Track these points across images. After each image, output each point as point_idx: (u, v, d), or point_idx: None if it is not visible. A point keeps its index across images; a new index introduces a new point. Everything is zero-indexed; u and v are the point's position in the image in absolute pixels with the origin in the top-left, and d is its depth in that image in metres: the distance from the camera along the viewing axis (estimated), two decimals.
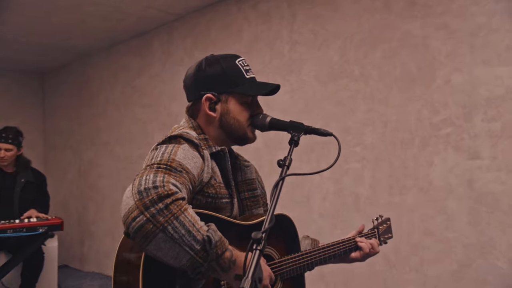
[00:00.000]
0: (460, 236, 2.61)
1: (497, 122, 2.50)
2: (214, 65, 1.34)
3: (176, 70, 4.08)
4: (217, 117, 1.34)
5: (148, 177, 1.04)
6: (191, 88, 1.38)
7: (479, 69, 2.56)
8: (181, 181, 1.09)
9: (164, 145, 1.19)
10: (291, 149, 1.23)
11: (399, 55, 2.85)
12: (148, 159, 1.15)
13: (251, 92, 1.33)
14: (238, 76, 1.33)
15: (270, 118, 1.34)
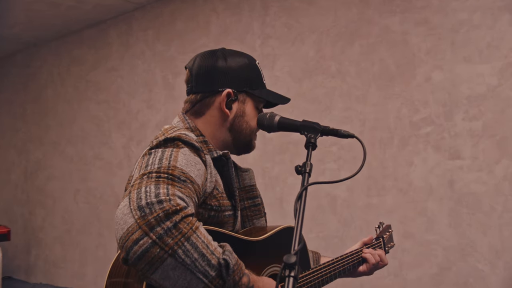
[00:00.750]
0: (440, 239, 2.54)
1: (478, 121, 2.45)
2: (238, 59, 1.21)
3: (136, 64, 3.80)
4: (231, 117, 1.19)
5: (148, 188, 0.87)
6: (205, 79, 1.20)
7: (460, 66, 2.50)
8: (187, 193, 0.92)
9: (160, 149, 1.00)
10: (309, 154, 1.07)
11: (378, 51, 2.75)
12: (142, 166, 0.97)
13: (271, 98, 1.23)
14: (259, 79, 1.23)
15: (279, 117, 1.19)
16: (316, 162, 2.91)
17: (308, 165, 1.03)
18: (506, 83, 2.38)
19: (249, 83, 1.21)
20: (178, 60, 3.55)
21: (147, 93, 3.70)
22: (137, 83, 3.77)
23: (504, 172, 2.38)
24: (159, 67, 3.66)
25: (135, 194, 0.87)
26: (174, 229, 0.82)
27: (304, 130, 1.13)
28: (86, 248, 3.98)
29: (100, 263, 3.91)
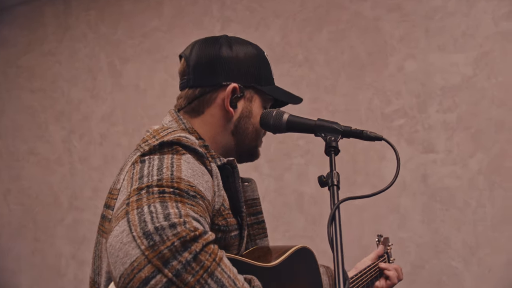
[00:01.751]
0: (413, 236, 2.44)
1: (452, 113, 2.37)
2: (246, 48, 1.04)
3: (77, 48, 3.41)
4: (235, 118, 1.03)
5: (153, 208, 0.71)
6: (205, 71, 1.02)
7: (434, 55, 2.40)
8: (200, 212, 0.75)
9: (155, 155, 0.83)
10: (333, 161, 0.93)
11: (348, 38, 2.59)
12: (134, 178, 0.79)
13: (284, 97, 1.07)
14: (268, 73, 1.07)
15: (288, 115, 1.03)
16: (282, 156, 2.72)
17: (335, 175, 0.91)
18: (481, 74, 2.31)
19: (258, 77, 1.03)
20: (126, 45, 3.21)
21: (90, 81, 3.34)
22: (78, 69, 3.38)
23: (478, 166, 2.32)
24: (104, 52, 3.30)
25: (136, 216, 0.70)
26: (194, 262, 0.66)
27: (321, 131, 0.98)
28: (19, 255, 3.56)
29: (36, 271, 3.51)
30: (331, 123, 0.99)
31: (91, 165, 3.35)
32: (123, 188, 0.83)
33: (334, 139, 0.96)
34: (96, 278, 0.92)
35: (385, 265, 1.37)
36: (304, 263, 1.10)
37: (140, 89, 3.18)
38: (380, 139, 0.98)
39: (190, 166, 0.82)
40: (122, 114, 3.23)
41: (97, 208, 3.31)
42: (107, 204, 0.93)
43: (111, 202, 0.91)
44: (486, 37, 2.30)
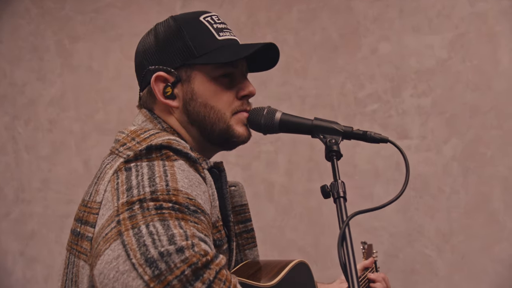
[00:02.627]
0: (387, 225, 2.40)
1: (427, 98, 2.32)
2: (167, 28, 0.93)
3: (19, 24, 3.08)
4: (180, 107, 0.91)
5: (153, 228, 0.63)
6: (139, 70, 0.95)
7: (409, 37, 2.34)
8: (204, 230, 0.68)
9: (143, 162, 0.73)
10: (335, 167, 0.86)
11: (319, 19, 2.47)
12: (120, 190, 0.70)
13: (224, 58, 0.89)
14: (204, 38, 0.90)
15: (281, 114, 0.94)
16: (249, 144, 2.57)
17: (340, 185, 0.84)
18: (456, 57, 2.26)
19: (189, 51, 0.89)
20: (76, 21, 2.95)
21: (36, 61, 3.04)
22: (22, 48, 3.07)
23: (453, 152, 2.28)
24: (50, 29, 3.01)
25: (133, 237, 0.61)
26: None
27: (319, 132, 0.89)
28: None
29: None
30: (330, 123, 0.90)
31: (39, 154, 3.08)
32: (106, 201, 0.73)
33: (335, 142, 0.87)
34: None
35: (373, 276, 1.28)
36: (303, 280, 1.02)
37: (93, 70, 2.94)
38: (386, 141, 0.91)
39: (186, 174, 0.73)
40: (73, 98, 2.98)
41: (46, 200, 3.07)
42: (83, 220, 0.79)
43: (89, 217, 0.77)
44: (461, 18, 2.25)
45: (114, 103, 2.91)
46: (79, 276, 0.77)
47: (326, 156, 0.87)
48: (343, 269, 0.72)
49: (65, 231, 3.02)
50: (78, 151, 3.00)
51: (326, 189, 0.85)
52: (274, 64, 1.01)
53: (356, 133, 0.91)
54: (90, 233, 0.75)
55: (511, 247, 2.19)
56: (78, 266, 0.78)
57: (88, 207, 0.79)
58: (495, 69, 2.20)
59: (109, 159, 0.83)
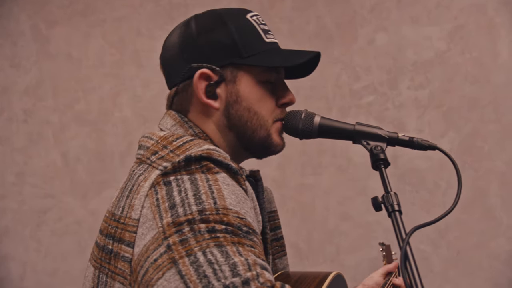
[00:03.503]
0: (381, 220, 2.36)
1: (424, 90, 2.31)
2: (214, 23, 0.86)
3: None
4: (221, 109, 0.85)
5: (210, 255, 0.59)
6: (173, 64, 0.88)
7: (407, 28, 2.32)
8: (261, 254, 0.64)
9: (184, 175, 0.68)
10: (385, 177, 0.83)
11: (314, 7, 2.43)
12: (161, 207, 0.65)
13: (278, 62, 0.87)
14: (253, 38, 0.85)
15: (320, 118, 0.89)
16: None
17: (393, 197, 0.80)
18: (455, 48, 2.25)
19: (236, 50, 0.83)
20: (54, 5, 2.80)
21: (9, 47, 2.88)
22: None
23: (450, 145, 2.28)
24: (25, 13, 2.85)
25: (191, 267, 0.58)
26: None
27: (362, 138, 0.87)
28: None
29: None
30: (373, 127, 0.87)
31: (14, 146, 2.93)
32: (145, 219, 0.68)
33: (381, 149, 0.85)
34: None
35: (398, 282, 1.22)
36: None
37: (72, 58, 2.81)
38: (434, 149, 0.90)
39: (231, 189, 0.68)
40: (51, 87, 2.84)
41: (21, 195, 2.93)
42: (116, 237, 0.73)
43: (124, 235, 0.71)
44: (461, 9, 2.25)
45: (96, 93, 2.78)
46: None
47: (373, 165, 0.84)
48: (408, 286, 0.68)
49: (42, 228, 2.90)
50: (56, 143, 2.87)
51: (378, 201, 0.81)
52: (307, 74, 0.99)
53: (402, 139, 0.88)
54: (128, 254, 0.70)
55: (507, 243, 2.20)
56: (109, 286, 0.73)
57: (121, 223, 0.73)
58: (495, 61, 2.20)
59: (140, 169, 0.76)
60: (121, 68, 2.75)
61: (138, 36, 2.71)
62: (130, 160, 2.92)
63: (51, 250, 2.89)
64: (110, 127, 2.78)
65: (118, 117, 2.77)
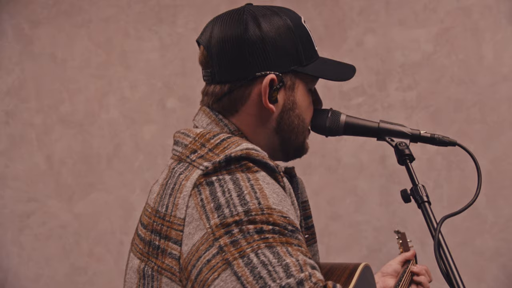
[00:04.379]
0: (371, 219, 2.44)
1: (412, 91, 2.38)
2: (277, 20, 0.84)
3: None
4: (276, 114, 0.86)
5: (263, 257, 0.62)
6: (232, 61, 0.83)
7: (395, 30, 2.39)
8: (308, 252, 0.68)
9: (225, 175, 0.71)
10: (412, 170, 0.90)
11: (303, 9, 2.44)
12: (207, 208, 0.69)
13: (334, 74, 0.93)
14: (310, 47, 0.87)
15: (345, 116, 0.95)
16: None
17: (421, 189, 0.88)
18: (442, 51, 2.32)
19: (298, 57, 0.85)
20: (37, 4, 2.76)
21: None
22: None
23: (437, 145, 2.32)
24: (7, 13, 2.81)
25: (246, 269, 0.62)
26: None
27: (387, 135, 0.91)
28: None
29: None
30: (396, 125, 0.92)
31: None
32: (191, 219, 0.70)
33: (405, 145, 0.90)
34: None
35: (417, 269, 1.27)
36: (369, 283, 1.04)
37: (57, 58, 2.77)
38: (455, 145, 0.94)
39: (272, 188, 0.71)
40: (34, 88, 2.80)
41: (2, 198, 2.88)
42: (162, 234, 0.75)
43: (170, 232, 0.73)
44: (447, 12, 2.32)
45: (81, 94, 2.76)
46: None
47: (399, 160, 0.90)
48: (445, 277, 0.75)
49: (24, 232, 2.85)
50: (40, 145, 2.82)
51: (407, 193, 0.88)
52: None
53: (424, 136, 0.93)
54: (176, 251, 0.72)
55: (492, 240, 2.27)
56: (160, 282, 0.75)
57: (167, 221, 0.75)
58: (480, 63, 2.28)
59: (180, 167, 0.78)
60: (107, 69, 2.73)
61: (125, 37, 2.69)
62: (118, 162, 2.90)
63: (34, 255, 2.84)
64: (97, 129, 2.76)
65: (104, 119, 2.74)
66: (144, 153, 2.63)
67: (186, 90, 2.58)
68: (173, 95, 2.63)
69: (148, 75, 2.65)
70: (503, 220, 2.25)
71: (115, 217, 2.74)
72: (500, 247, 2.26)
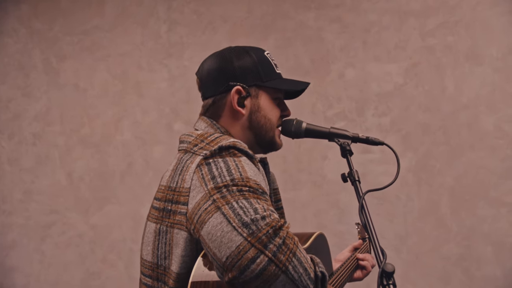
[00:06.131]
0: (352, 228, 2.64)
1: (386, 117, 2.63)
2: (243, 56, 1.16)
3: (5, 42, 3.20)
4: (246, 115, 1.14)
5: (241, 204, 0.87)
6: (212, 81, 1.16)
7: (371, 65, 2.65)
8: (271, 205, 0.92)
9: (219, 158, 0.97)
10: (350, 161, 1.15)
11: (293, 46, 2.76)
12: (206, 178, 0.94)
13: (286, 86, 1.19)
14: (269, 69, 1.17)
15: (306, 124, 1.21)
16: None
17: (355, 173, 1.11)
18: (411, 82, 2.60)
19: (258, 76, 1.15)
20: (64, 42, 3.10)
21: (22, 78, 3.16)
22: (7, 65, 3.19)
23: (408, 164, 2.60)
24: (38, 49, 3.14)
25: (229, 210, 0.85)
26: (283, 245, 0.83)
27: (335, 137, 1.18)
28: None
29: None
30: (342, 130, 1.19)
31: (22, 166, 3.17)
32: (194, 187, 0.95)
33: (347, 144, 1.16)
34: (161, 262, 1.02)
35: (361, 256, 1.53)
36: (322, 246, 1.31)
37: (79, 88, 3.08)
38: (382, 144, 1.22)
39: (250, 167, 0.96)
40: (59, 114, 3.10)
41: (27, 211, 3.14)
42: (174, 200, 1.01)
43: (179, 198, 0.99)
44: (414, 50, 2.60)
45: (99, 119, 3.05)
46: (173, 240, 1.00)
47: (342, 154, 1.16)
48: (364, 228, 1.01)
49: (46, 241, 3.09)
50: (62, 164, 3.10)
51: (345, 175, 1.12)
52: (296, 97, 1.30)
53: (361, 138, 1.20)
54: (184, 210, 0.98)
55: (456, 247, 2.50)
56: (171, 234, 1.00)
57: (177, 191, 1.01)
58: (443, 93, 2.55)
59: (186, 156, 1.04)
60: (123, 97, 3.02)
61: (139, 69, 3.00)
62: (130, 179, 3.17)
63: (54, 261, 3.07)
64: (112, 149, 3.04)
65: (119, 140, 3.03)
66: (153, 170, 2.91)
67: (190, 115, 2.85)
68: (180, 119, 2.91)
69: (158, 102, 2.94)
70: (466, 229, 2.48)
71: (126, 228, 2.98)
72: (463, 253, 2.48)
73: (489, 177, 2.48)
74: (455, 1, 2.55)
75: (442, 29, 2.56)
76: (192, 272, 0.93)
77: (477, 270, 2.48)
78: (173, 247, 0.99)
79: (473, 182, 2.50)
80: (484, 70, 2.49)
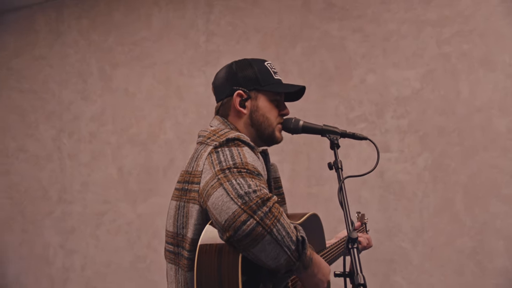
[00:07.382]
0: (371, 222, 2.83)
1: (404, 119, 2.80)
2: (245, 67, 1.38)
3: (68, 53, 3.64)
4: (247, 114, 1.36)
5: (239, 181, 1.08)
6: (221, 87, 1.40)
7: (390, 70, 2.83)
8: (264, 183, 1.12)
9: (226, 148, 1.19)
10: (336, 152, 1.35)
11: (318, 54, 3.00)
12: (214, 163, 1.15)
13: (280, 89, 1.39)
14: (267, 76, 1.37)
15: (303, 122, 1.41)
16: None
17: (339, 162, 1.32)
18: (427, 87, 2.77)
19: (257, 82, 1.37)
20: (116, 52, 3.49)
21: (81, 84, 3.58)
22: (69, 73, 3.62)
23: (424, 163, 2.76)
24: (94, 58, 3.55)
25: (229, 185, 1.07)
26: (269, 212, 1.04)
27: (326, 133, 1.38)
28: (7, 245, 3.74)
29: (24, 261, 3.69)
30: (332, 127, 1.40)
31: (80, 161, 3.57)
32: (205, 170, 1.18)
33: (335, 138, 1.37)
34: (180, 231, 1.26)
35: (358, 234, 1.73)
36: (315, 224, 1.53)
37: (129, 92, 3.44)
38: (366, 139, 1.41)
39: (250, 154, 1.18)
40: (111, 115, 3.48)
41: (85, 200, 3.52)
42: (189, 181, 1.25)
43: (194, 179, 1.23)
44: (431, 57, 2.75)
45: (145, 120, 3.40)
46: (189, 212, 1.22)
47: (331, 146, 1.36)
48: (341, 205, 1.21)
49: (100, 227, 3.45)
50: (114, 160, 3.47)
51: (332, 165, 1.32)
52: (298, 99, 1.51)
53: (349, 133, 1.41)
54: (196, 187, 1.21)
55: (470, 241, 2.63)
56: (187, 208, 1.23)
57: (192, 174, 1.24)
58: (458, 98, 2.68)
59: (201, 147, 1.27)
60: (166, 100, 3.34)
61: (180, 75, 3.31)
62: (172, 173, 3.52)
63: (106, 246, 3.44)
64: (156, 147, 3.36)
65: (162, 139, 3.35)
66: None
67: None
68: None
69: (197, 105, 3.23)
70: (479, 224, 2.60)
71: None
72: (476, 247, 2.60)
73: (501, 176, 2.60)
74: (470, 11, 2.70)
75: (457, 38, 2.71)
76: (200, 237, 1.17)
77: (489, 263, 2.58)
78: (189, 218, 1.23)
79: (486, 181, 2.62)
80: (497, 76, 2.62)
